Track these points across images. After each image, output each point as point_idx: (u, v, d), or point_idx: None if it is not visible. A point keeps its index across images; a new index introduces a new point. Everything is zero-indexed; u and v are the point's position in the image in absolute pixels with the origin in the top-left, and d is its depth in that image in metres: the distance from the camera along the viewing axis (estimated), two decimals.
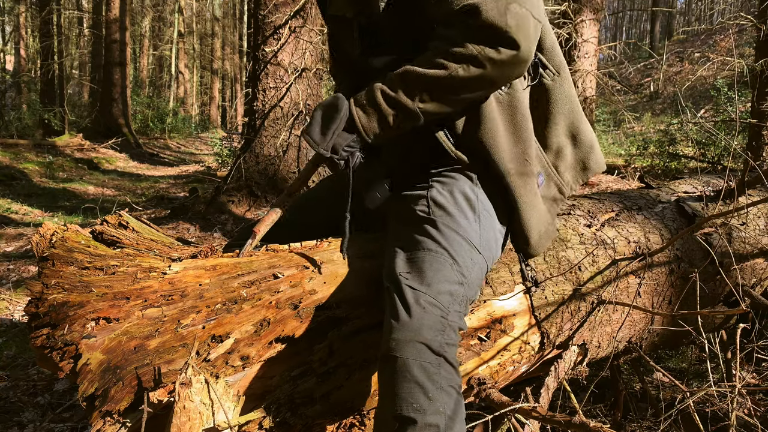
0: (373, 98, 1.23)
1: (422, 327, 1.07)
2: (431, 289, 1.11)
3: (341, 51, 1.50)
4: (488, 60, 1.16)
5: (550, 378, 1.49)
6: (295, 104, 5.40)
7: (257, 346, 1.11)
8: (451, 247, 1.19)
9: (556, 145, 1.42)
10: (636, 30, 44.66)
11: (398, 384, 1.04)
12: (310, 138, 1.24)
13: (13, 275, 3.91)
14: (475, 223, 1.26)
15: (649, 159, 8.62)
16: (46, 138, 12.17)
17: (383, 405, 1.09)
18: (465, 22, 1.17)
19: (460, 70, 1.18)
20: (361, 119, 1.24)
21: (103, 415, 0.97)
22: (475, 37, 1.16)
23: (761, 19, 4.79)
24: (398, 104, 1.22)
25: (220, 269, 1.17)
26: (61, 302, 1.03)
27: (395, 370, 1.05)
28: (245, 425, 1.09)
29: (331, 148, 1.23)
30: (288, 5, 5.25)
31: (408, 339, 1.05)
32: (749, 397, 1.76)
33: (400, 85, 1.22)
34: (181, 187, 8.95)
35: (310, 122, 1.26)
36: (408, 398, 1.03)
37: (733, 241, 1.85)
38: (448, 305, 1.12)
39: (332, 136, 1.23)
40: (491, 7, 1.14)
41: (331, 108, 1.25)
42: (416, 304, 1.09)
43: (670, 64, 18.83)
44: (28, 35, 17.58)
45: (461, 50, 1.17)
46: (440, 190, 1.28)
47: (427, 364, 1.05)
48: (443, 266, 1.16)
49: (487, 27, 1.14)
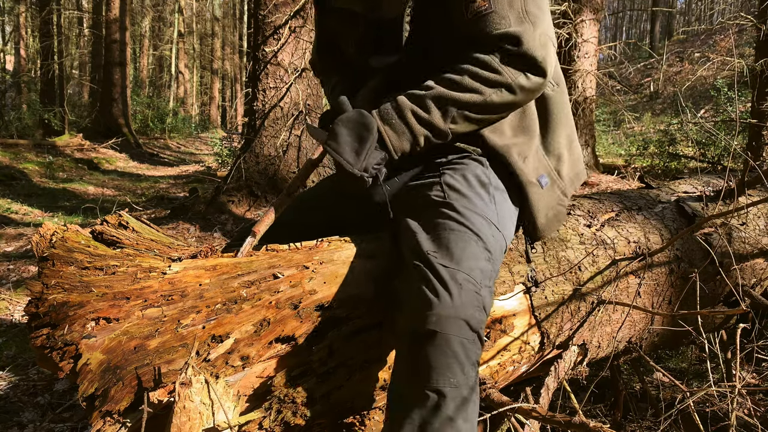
0: (403, 118, 1.24)
1: (463, 304, 1.08)
2: (462, 266, 1.13)
3: (336, 48, 1.49)
4: (520, 87, 1.23)
5: (550, 378, 1.49)
6: (295, 104, 5.40)
7: (257, 346, 1.11)
8: (474, 226, 1.20)
9: (557, 151, 1.44)
10: (636, 30, 44.67)
11: (436, 359, 1.07)
12: (342, 159, 1.19)
13: (13, 275, 3.91)
14: (491, 203, 1.28)
15: (649, 159, 8.62)
16: (46, 138, 12.17)
17: (412, 379, 1.09)
18: (504, 49, 1.21)
19: (494, 96, 1.23)
20: (392, 139, 1.24)
21: (103, 415, 0.97)
22: (512, 63, 1.22)
23: (761, 19, 4.79)
24: (431, 125, 1.24)
25: (220, 269, 1.17)
26: (61, 302, 1.03)
27: (434, 345, 1.07)
28: (245, 425, 1.09)
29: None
30: (288, 5, 5.25)
31: (450, 315, 1.07)
32: (749, 397, 1.76)
33: (433, 107, 1.23)
34: (181, 187, 8.95)
35: (336, 140, 1.21)
36: (446, 373, 1.06)
37: (733, 241, 1.85)
38: (480, 281, 1.14)
39: (365, 157, 1.20)
40: (531, 38, 1.21)
41: (360, 127, 1.22)
42: (453, 281, 1.10)
43: (670, 64, 18.84)
44: (28, 35, 17.58)
45: (497, 77, 1.22)
46: (453, 175, 1.29)
47: (465, 340, 1.08)
48: (469, 244, 1.17)
49: (526, 57, 1.21)
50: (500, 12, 1.21)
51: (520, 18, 1.21)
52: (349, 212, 1.44)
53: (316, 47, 1.60)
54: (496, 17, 1.21)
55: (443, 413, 1.05)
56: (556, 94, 1.41)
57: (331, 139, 1.22)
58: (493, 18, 1.21)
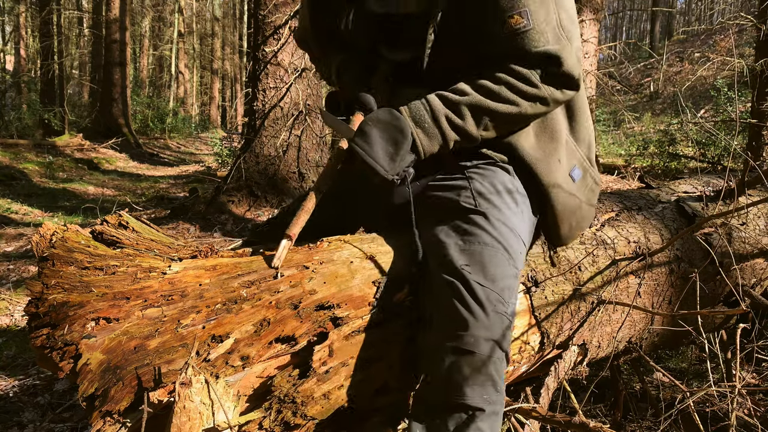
0: (437, 122, 1.23)
1: (496, 325, 1.12)
2: (496, 285, 1.14)
3: (345, 36, 1.43)
4: (554, 101, 1.26)
5: (550, 378, 1.49)
6: (295, 104, 5.40)
7: (257, 346, 1.11)
8: (506, 242, 1.21)
9: (587, 139, 1.45)
10: (636, 30, 44.67)
11: (473, 377, 1.11)
12: (377, 164, 1.16)
13: (13, 275, 3.91)
14: (519, 215, 1.29)
15: (649, 159, 8.62)
16: (46, 138, 12.17)
17: (447, 394, 1.13)
18: (545, 68, 1.23)
19: (529, 108, 1.25)
20: (423, 142, 1.23)
21: (103, 415, 0.97)
22: (551, 81, 1.24)
23: (761, 19, 4.79)
24: (464, 132, 1.25)
25: (220, 269, 1.17)
26: (61, 302, 1.03)
27: (470, 363, 1.10)
28: (245, 425, 1.09)
29: None
30: (288, 5, 5.25)
31: (486, 336, 1.11)
32: (749, 397, 1.76)
33: (468, 114, 1.23)
34: (181, 187, 8.95)
35: (366, 139, 1.18)
36: (481, 390, 1.11)
37: (733, 241, 1.85)
38: (509, 300, 1.16)
39: (400, 162, 1.19)
40: (570, 56, 1.23)
41: (394, 130, 1.19)
42: (488, 302, 1.12)
43: (670, 64, 18.83)
44: (28, 35, 17.58)
45: (535, 91, 1.23)
46: (482, 182, 1.28)
47: (497, 360, 1.12)
48: (502, 262, 1.18)
49: (566, 76, 1.24)
50: (538, 28, 1.21)
51: (557, 35, 1.22)
52: (366, 209, 1.43)
53: (309, 17, 1.47)
54: (534, 34, 1.21)
55: (475, 426, 1.10)
56: (581, 87, 1.42)
57: (361, 139, 1.18)
58: (531, 35, 1.21)
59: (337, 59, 1.45)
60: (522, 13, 1.20)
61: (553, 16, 1.22)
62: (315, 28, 1.48)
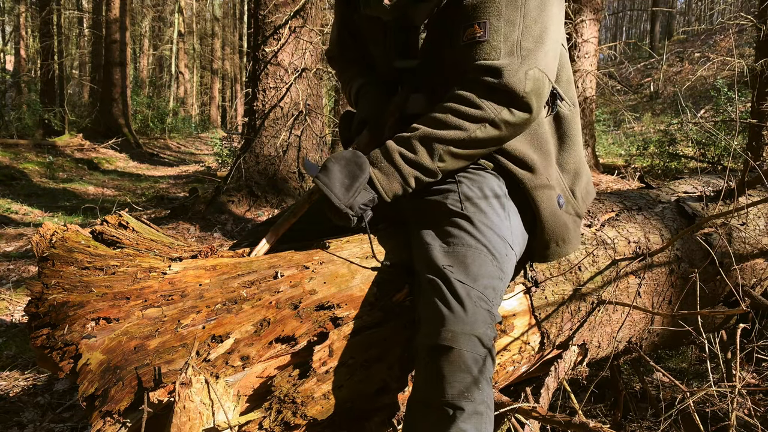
0: (391, 160, 1.25)
1: (476, 321, 1.11)
2: (478, 284, 1.15)
3: (361, 44, 1.52)
4: (504, 122, 1.22)
5: (550, 378, 1.49)
6: (295, 104, 5.40)
7: (257, 346, 1.11)
8: (491, 245, 1.21)
9: (574, 169, 1.44)
10: (636, 30, 44.66)
11: (452, 374, 1.09)
12: (331, 192, 1.21)
13: (13, 275, 3.91)
14: (506, 220, 1.29)
15: (649, 159, 8.63)
16: (46, 138, 12.17)
17: (430, 393, 1.12)
18: (483, 81, 1.20)
19: (479, 132, 1.22)
20: (381, 181, 1.25)
21: (103, 415, 0.97)
22: (493, 97, 1.21)
23: (761, 19, 4.79)
24: (419, 165, 1.25)
25: (220, 269, 1.17)
26: (61, 302, 1.03)
27: (450, 360, 1.09)
28: (245, 425, 1.09)
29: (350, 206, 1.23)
30: (288, 5, 5.25)
31: (465, 332, 1.09)
32: (749, 397, 1.76)
33: (419, 147, 1.24)
34: (181, 187, 8.95)
35: (327, 174, 1.23)
36: (461, 387, 1.09)
37: (733, 241, 1.85)
38: (492, 299, 1.16)
39: (354, 194, 1.22)
40: (513, 72, 1.19)
41: (354, 166, 1.24)
42: (468, 298, 1.12)
43: (670, 64, 18.84)
44: (28, 35, 17.58)
45: (479, 113, 1.21)
46: (470, 186, 1.30)
47: (478, 356, 1.10)
48: (485, 262, 1.18)
49: (507, 91, 1.19)
50: (492, 43, 1.20)
51: (511, 51, 1.20)
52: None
53: (337, 41, 1.60)
54: (486, 47, 1.20)
55: (456, 426, 1.08)
56: (572, 114, 1.42)
57: (323, 173, 1.24)
58: (483, 47, 1.21)
59: (358, 83, 1.53)
60: (481, 24, 1.20)
61: (514, 36, 1.20)
62: (344, 52, 1.61)
